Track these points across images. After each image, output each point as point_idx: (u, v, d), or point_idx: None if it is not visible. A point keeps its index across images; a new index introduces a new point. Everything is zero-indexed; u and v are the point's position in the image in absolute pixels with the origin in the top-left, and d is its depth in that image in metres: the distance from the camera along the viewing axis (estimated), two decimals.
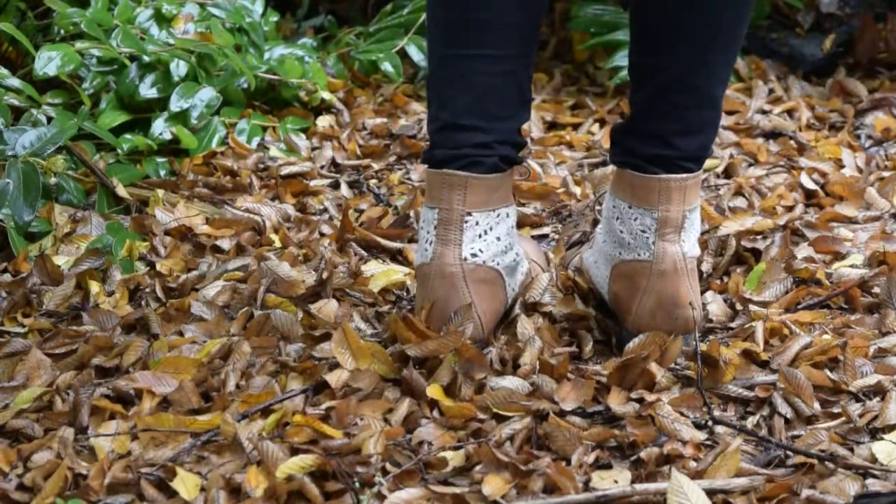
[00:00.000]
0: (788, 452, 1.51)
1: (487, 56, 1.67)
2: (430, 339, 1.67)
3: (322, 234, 2.19)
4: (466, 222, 1.70)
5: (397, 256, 2.09)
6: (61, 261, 2.06)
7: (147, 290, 1.99)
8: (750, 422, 1.58)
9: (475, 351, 1.66)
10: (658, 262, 1.71)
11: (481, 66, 1.67)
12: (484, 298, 1.72)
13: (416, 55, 2.98)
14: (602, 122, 2.75)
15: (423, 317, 1.70)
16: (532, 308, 1.83)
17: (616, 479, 1.46)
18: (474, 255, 1.70)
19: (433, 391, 1.61)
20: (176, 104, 2.51)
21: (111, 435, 1.57)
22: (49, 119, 2.38)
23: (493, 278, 1.73)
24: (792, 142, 2.54)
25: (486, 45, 1.66)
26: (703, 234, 2.08)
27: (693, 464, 1.48)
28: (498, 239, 1.73)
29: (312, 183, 2.45)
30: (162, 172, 2.45)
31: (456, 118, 1.69)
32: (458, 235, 1.70)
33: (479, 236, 1.71)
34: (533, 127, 2.72)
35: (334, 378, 1.64)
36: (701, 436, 1.54)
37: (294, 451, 1.50)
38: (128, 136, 2.47)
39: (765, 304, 1.86)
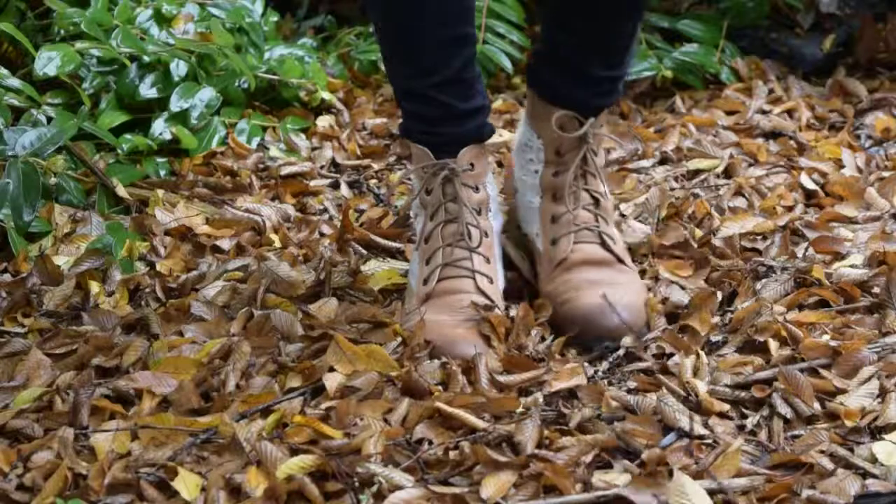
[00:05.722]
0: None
1: None
2: None
3: (322, 234, 2.19)
4: None
5: (397, 256, 2.09)
6: (61, 261, 2.06)
7: (147, 290, 1.99)
8: (749, 422, 1.58)
9: None
10: None
11: None
12: None
13: None
14: None
15: None
16: None
17: (616, 480, 1.46)
18: None
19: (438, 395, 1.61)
20: (176, 104, 2.51)
21: (112, 430, 1.57)
22: (49, 119, 2.38)
23: None
24: (792, 142, 2.54)
25: None
26: (705, 235, 2.08)
27: (693, 464, 1.48)
28: None
29: (312, 183, 2.45)
30: (162, 172, 2.45)
31: None
32: None
33: None
34: None
35: (331, 382, 1.64)
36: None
37: (294, 452, 1.50)
38: (128, 136, 2.47)
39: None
